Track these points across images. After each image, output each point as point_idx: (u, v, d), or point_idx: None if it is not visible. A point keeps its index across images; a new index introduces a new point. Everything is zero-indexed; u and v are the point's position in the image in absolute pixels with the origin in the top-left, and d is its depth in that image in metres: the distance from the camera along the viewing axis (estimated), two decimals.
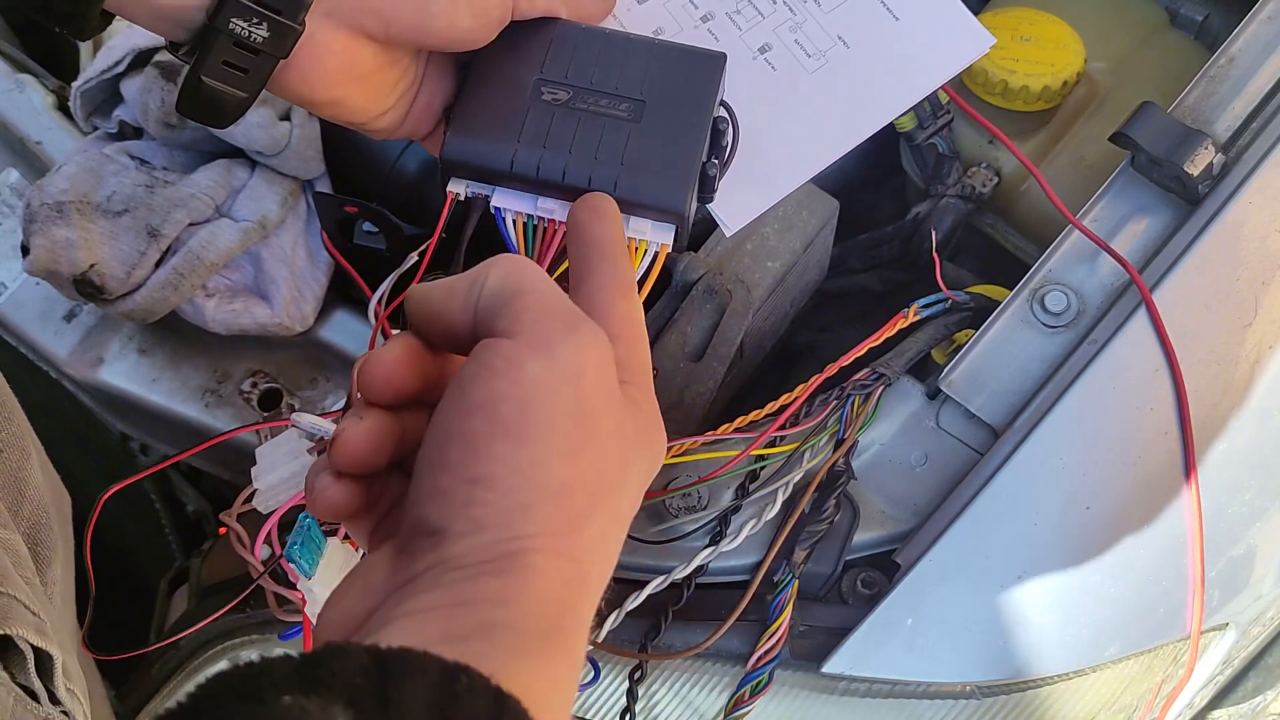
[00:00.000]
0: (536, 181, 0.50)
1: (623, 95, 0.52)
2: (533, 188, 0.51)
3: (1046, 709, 0.58)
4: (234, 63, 0.48)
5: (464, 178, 0.52)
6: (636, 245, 0.51)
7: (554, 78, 0.52)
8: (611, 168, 0.50)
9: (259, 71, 0.48)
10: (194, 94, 0.49)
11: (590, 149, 0.50)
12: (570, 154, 0.50)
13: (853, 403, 0.62)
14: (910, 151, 0.82)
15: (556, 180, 0.50)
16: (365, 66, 0.50)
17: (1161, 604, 0.58)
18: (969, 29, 0.58)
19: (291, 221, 0.69)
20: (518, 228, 0.52)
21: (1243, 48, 0.67)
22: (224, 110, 0.50)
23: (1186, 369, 0.59)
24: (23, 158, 0.77)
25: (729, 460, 0.60)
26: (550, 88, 0.52)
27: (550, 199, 0.51)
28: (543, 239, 0.52)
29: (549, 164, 0.50)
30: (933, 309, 0.66)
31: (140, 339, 0.71)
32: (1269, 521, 0.59)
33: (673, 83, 0.52)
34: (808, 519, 0.60)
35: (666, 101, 0.52)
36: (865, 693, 0.59)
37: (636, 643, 0.60)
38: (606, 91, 0.51)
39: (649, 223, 0.51)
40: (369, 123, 0.53)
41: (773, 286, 0.71)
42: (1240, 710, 0.62)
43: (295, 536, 0.48)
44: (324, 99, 0.51)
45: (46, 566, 0.55)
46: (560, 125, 0.51)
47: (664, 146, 0.51)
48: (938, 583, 0.58)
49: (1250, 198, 0.63)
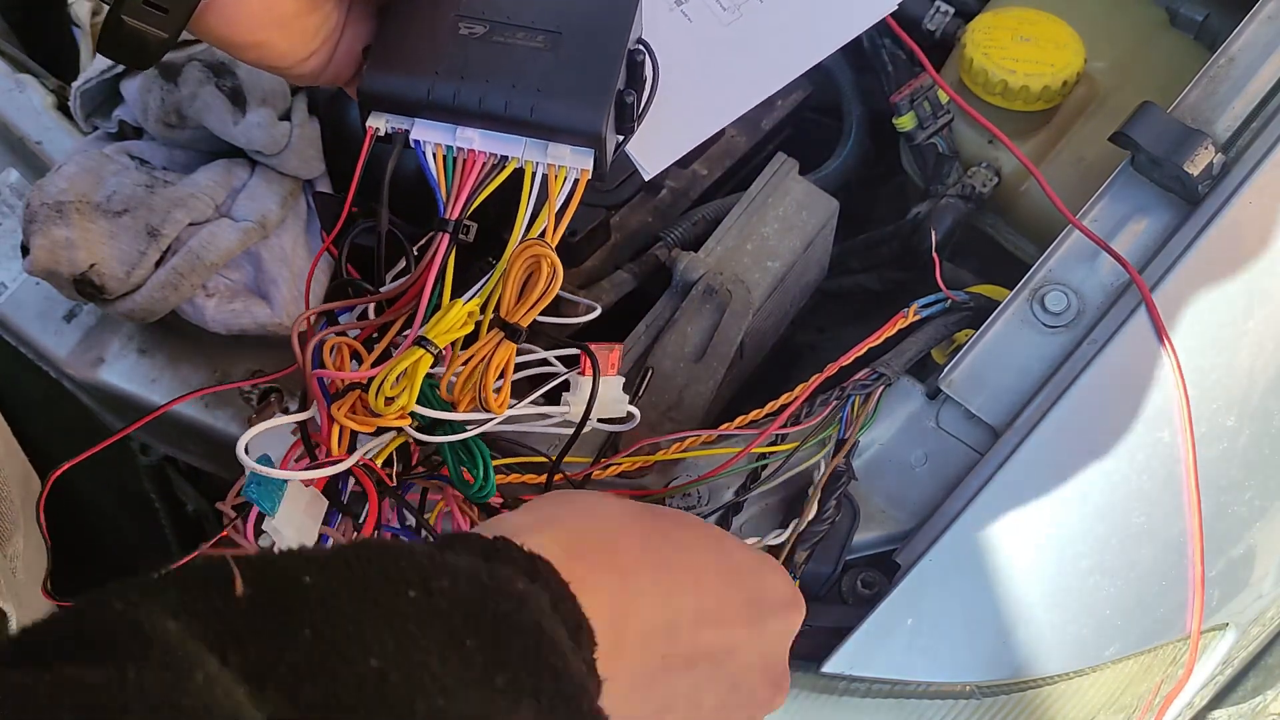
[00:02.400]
0: (454, 109, 0.52)
1: (538, 28, 0.53)
2: (451, 117, 0.52)
3: (1046, 709, 0.58)
4: (155, 2, 0.48)
5: (383, 110, 0.53)
6: (556, 172, 0.52)
7: (471, 13, 0.53)
8: (527, 94, 0.51)
9: (179, 11, 0.48)
10: (115, 34, 0.49)
11: (507, 77, 0.52)
12: (487, 83, 0.52)
13: (853, 403, 0.62)
14: (910, 151, 0.82)
15: (474, 108, 0.52)
16: (287, 9, 0.51)
17: (1161, 604, 0.58)
18: None
19: (291, 221, 0.69)
20: (438, 160, 0.53)
21: (1243, 48, 0.67)
22: (146, 51, 0.50)
23: (1186, 369, 0.59)
24: (23, 158, 0.77)
25: (729, 459, 0.60)
26: (467, 23, 0.53)
27: (468, 128, 0.52)
28: (462, 170, 0.53)
29: (466, 92, 0.52)
30: (933, 309, 0.66)
31: (140, 339, 0.71)
32: (1269, 521, 0.59)
33: (588, 15, 0.53)
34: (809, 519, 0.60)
35: (582, 32, 0.53)
36: (865, 693, 0.59)
37: None
38: (522, 25, 0.53)
39: (567, 148, 0.52)
40: (292, 68, 0.54)
41: (773, 286, 0.71)
42: (1240, 710, 0.62)
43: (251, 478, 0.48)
44: (246, 41, 0.51)
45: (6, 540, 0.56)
46: (477, 56, 0.52)
47: (580, 73, 0.52)
48: (938, 583, 0.58)
49: (1250, 198, 0.63)
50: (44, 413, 0.75)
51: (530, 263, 0.51)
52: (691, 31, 0.59)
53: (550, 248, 0.51)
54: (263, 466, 0.48)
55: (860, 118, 0.87)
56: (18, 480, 0.59)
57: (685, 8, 0.60)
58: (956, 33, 0.82)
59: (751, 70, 0.59)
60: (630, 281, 0.73)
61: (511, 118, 0.52)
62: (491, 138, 0.53)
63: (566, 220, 0.52)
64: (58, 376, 0.73)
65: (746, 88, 0.59)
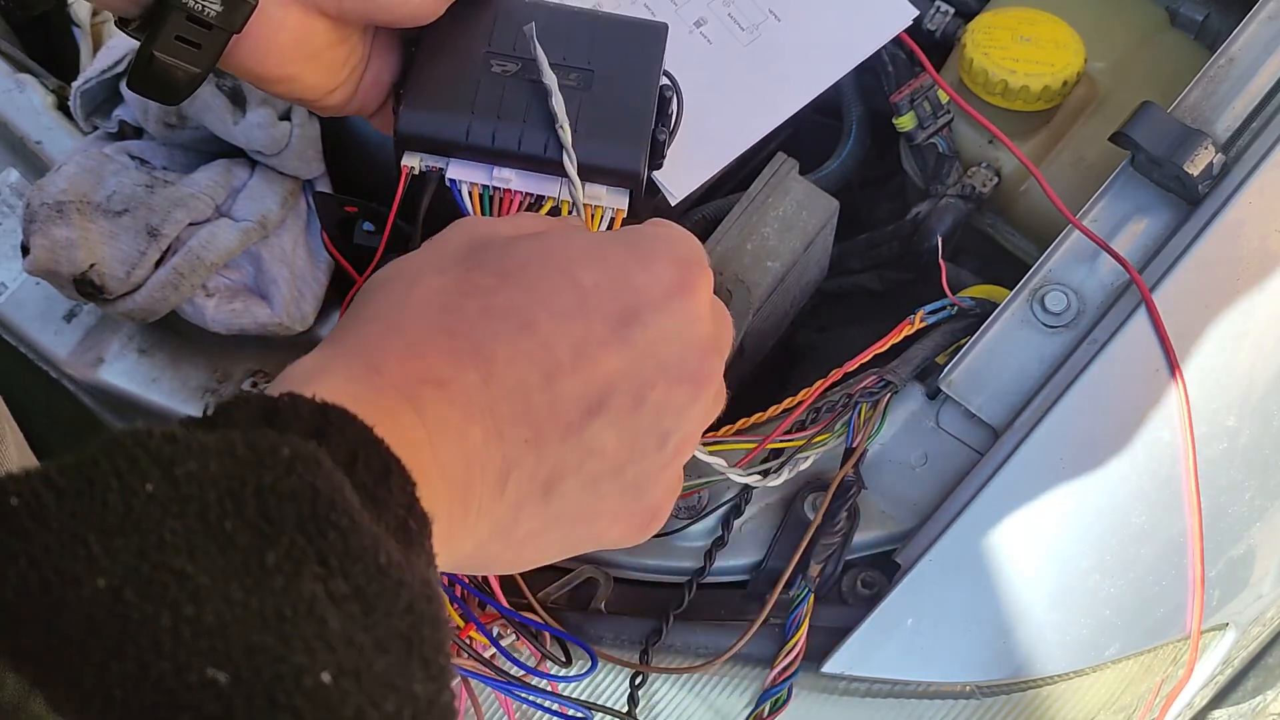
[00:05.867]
0: (492, 151, 0.51)
1: (571, 65, 0.52)
2: (488, 158, 0.52)
3: (1046, 709, 0.58)
4: (186, 38, 0.48)
5: (419, 151, 0.52)
6: (593, 211, 0.52)
7: (502, 50, 0.53)
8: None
9: (211, 47, 0.48)
10: (145, 70, 0.49)
11: (544, 117, 0.51)
12: (524, 122, 0.51)
13: (860, 410, 0.62)
14: (910, 151, 0.82)
15: (512, 149, 0.51)
16: (318, 43, 0.50)
17: (1161, 604, 0.58)
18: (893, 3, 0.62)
19: (291, 221, 0.69)
20: (474, 199, 0.52)
21: (1243, 48, 0.67)
22: (176, 87, 0.49)
23: (1186, 369, 0.59)
24: (23, 158, 0.77)
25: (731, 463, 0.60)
26: (499, 60, 0.52)
27: (505, 168, 0.52)
28: (498, 209, 0.53)
29: (504, 133, 0.51)
30: (939, 315, 0.66)
31: (140, 339, 0.71)
32: (1269, 521, 0.59)
33: (618, 53, 0.53)
34: (820, 531, 0.60)
35: (613, 70, 0.53)
36: (865, 693, 0.59)
37: (638, 644, 0.60)
38: (554, 63, 0.52)
39: (604, 188, 0.52)
40: (320, 99, 0.54)
41: (773, 286, 0.71)
42: (1240, 710, 0.62)
43: None
44: (277, 75, 0.51)
45: None
46: (512, 95, 0.52)
47: (615, 113, 0.52)
48: (938, 583, 0.58)
49: (1250, 198, 0.63)
50: (44, 413, 0.75)
51: None
52: (712, 54, 0.59)
53: None
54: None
55: (860, 118, 0.87)
56: None
57: (704, 30, 0.60)
58: (956, 33, 0.82)
59: (773, 90, 0.59)
60: None
61: (551, 159, 0.51)
62: (529, 177, 0.52)
63: None
64: (58, 376, 0.73)
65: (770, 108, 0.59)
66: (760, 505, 0.62)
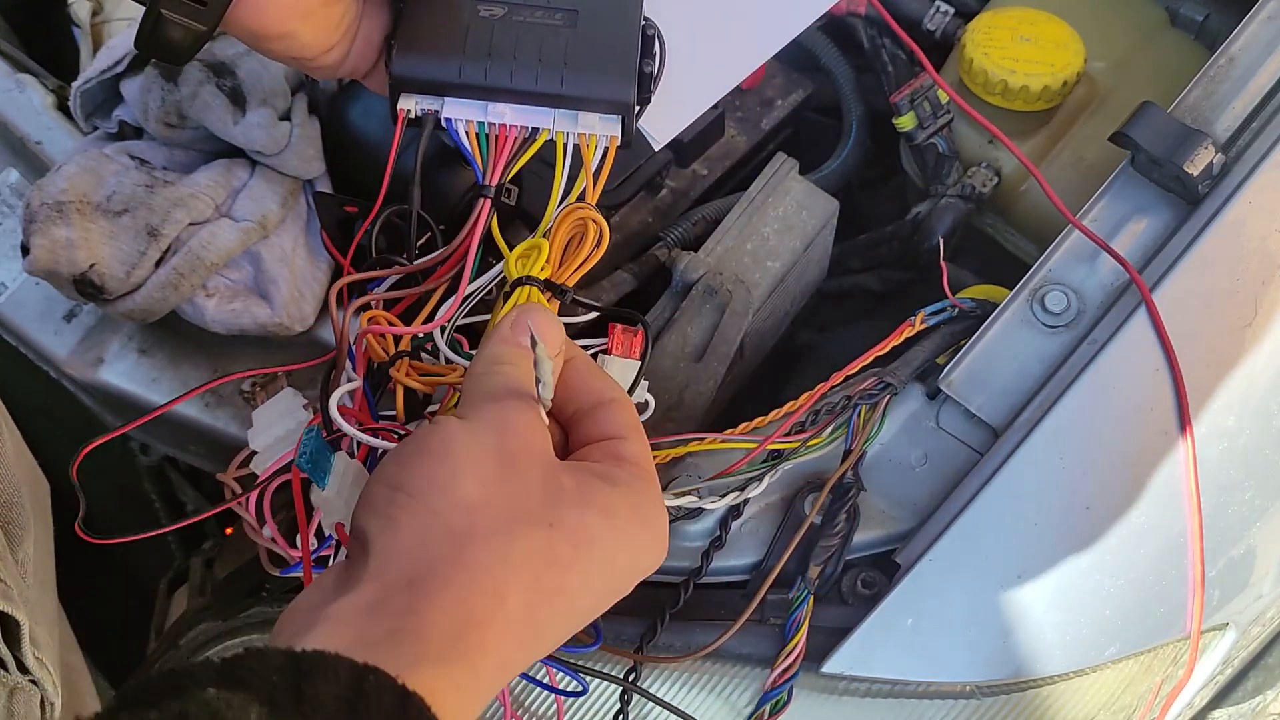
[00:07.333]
0: (486, 87, 0.54)
1: (555, 7, 0.55)
2: (482, 94, 0.54)
3: (1046, 709, 0.58)
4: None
5: (413, 92, 0.54)
6: (587, 140, 0.54)
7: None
8: (556, 68, 0.54)
9: (216, 3, 0.50)
10: (153, 29, 0.50)
11: (533, 53, 0.54)
12: (515, 59, 0.53)
13: (859, 412, 0.62)
14: (910, 151, 0.82)
15: (504, 84, 0.53)
16: (313, 1, 0.52)
17: (1161, 604, 0.58)
18: None
19: (291, 221, 0.69)
20: (471, 138, 0.55)
21: (1243, 48, 0.67)
22: (182, 46, 0.51)
23: (1186, 369, 0.59)
24: (23, 158, 0.77)
25: (731, 464, 0.60)
26: (486, 5, 0.55)
27: (499, 103, 0.54)
28: (496, 144, 0.55)
29: (497, 70, 0.53)
30: (939, 316, 0.66)
31: (140, 339, 0.71)
32: (1269, 521, 0.59)
33: None
34: (819, 532, 0.60)
35: (597, 9, 0.55)
36: (865, 693, 0.59)
37: (633, 643, 0.60)
38: (539, 4, 0.55)
39: (596, 116, 0.54)
40: (315, 59, 0.55)
41: (773, 286, 0.71)
42: (1240, 710, 0.62)
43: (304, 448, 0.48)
44: (275, 32, 0.52)
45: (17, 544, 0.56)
46: (501, 35, 0.54)
47: (602, 47, 0.54)
48: (938, 583, 0.58)
49: (1250, 198, 0.63)
50: (44, 413, 0.75)
51: (577, 226, 0.54)
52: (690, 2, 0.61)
53: (596, 210, 0.54)
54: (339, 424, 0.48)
55: (860, 118, 0.87)
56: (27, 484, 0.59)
57: None
58: (956, 33, 0.82)
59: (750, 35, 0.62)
60: (630, 281, 0.73)
61: (543, 91, 0.54)
62: (523, 111, 0.54)
63: (603, 181, 0.54)
64: (58, 376, 0.73)
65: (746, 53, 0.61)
66: (760, 506, 0.62)
